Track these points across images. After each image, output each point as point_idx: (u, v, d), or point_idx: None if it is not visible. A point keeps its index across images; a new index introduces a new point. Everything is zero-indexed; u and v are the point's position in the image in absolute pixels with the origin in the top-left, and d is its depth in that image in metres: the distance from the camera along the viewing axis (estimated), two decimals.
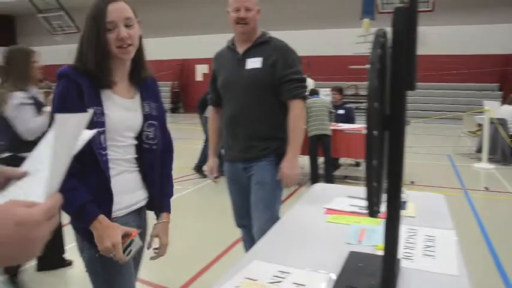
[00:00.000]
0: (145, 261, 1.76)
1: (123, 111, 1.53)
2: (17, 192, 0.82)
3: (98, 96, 1.46)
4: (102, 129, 1.43)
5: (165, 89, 17.51)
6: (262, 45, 2.41)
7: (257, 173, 2.43)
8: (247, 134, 2.42)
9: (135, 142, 1.59)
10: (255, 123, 2.40)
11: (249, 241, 2.58)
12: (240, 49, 2.45)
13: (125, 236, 1.43)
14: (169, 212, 1.74)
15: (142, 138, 1.60)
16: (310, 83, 9.84)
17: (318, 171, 5.90)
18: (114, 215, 1.50)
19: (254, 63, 2.38)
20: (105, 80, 1.48)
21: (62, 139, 0.76)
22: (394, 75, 0.90)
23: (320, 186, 2.41)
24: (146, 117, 1.60)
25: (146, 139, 1.61)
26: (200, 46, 16.87)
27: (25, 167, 0.87)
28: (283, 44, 2.43)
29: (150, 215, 1.72)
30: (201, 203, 5.34)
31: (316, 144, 5.74)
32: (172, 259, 1.78)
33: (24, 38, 22.18)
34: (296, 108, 2.38)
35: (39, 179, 0.76)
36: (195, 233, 4.22)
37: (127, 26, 1.47)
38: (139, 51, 1.57)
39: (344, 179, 6.34)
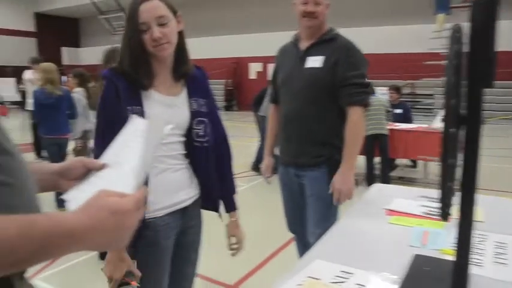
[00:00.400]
0: (201, 257, 1.78)
1: (165, 109, 1.51)
2: (100, 182, 0.87)
3: (137, 96, 1.47)
4: None
5: (219, 87, 17.75)
6: (326, 42, 2.23)
7: (310, 184, 2.29)
8: (299, 137, 2.28)
9: (182, 139, 1.57)
10: (308, 126, 2.25)
11: (302, 248, 2.52)
12: (303, 45, 2.29)
13: (129, 274, 1.43)
14: (235, 210, 1.77)
15: (192, 136, 1.58)
16: None
17: (373, 171, 5.77)
18: (151, 215, 1.50)
19: (314, 62, 2.21)
20: (141, 81, 1.48)
21: (151, 136, 0.81)
22: (470, 72, 0.86)
23: (378, 186, 2.34)
24: (194, 114, 1.57)
25: (196, 137, 1.58)
26: (254, 44, 17.00)
27: (104, 159, 0.93)
28: (348, 42, 2.22)
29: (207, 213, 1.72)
30: (255, 201, 5.36)
31: (372, 144, 5.62)
32: (228, 255, 1.81)
33: (87, 38, 23.30)
34: (355, 115, 2.16)
35: (125, 172, 0.82)
36: (249, 229, 4.23)
37: (161, 24, 1.45)
38: (180, 46, 1.55)
39: (400, 180, 6.17)
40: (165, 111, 1.50)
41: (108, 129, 1.44)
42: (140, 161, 0.80)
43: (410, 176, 6.44)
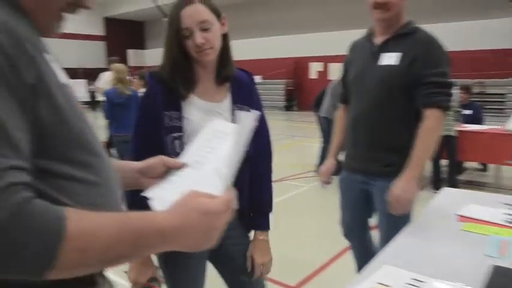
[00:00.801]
0: None
1: (205, 115, 1.46)
2: (182, 182, 0.90)
3: (177, 101, 1.44)
4: (178, 134, 1.42)
5: (279, 87, 17.82)
6: (403, 37, 2.00)
7: (379, 195, 2.04)
8: (369, 142, 2.08)
9: None
10: (380, 129, 2.03)
11: (359, 255, 2.41)
12: (377, 40, 2.08)
13: (153, 280, 1.43)
14: (266, 230, 1.60)
15: None
16: None
17: (440, 174, 5.53)
18: None
19: (390, 58, 1.99)
20: (178, 90, 1.44)
21: (240, 136, 0.82)
22: None
23: (448, 191, 2.24)
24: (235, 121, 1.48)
25: None
26: (314, 44, 16.88)
27: (184, 159, 0.96)
28: (428, 37, 1.98)
29: None
30: (316, 202, 5.31)
31: (440, 146, 5.27)
32: (289, 256, 1.78)
33: (151, 40, 24.19)
34: (430, 118, 1.90)
35: (210, 172, 0.84)
36: (310, 231, 4.23)
37: (203, 29, 1.39)
38: (224, 50, 1.49)
39: (468, 184, 5.87)
40: (206, 118, 1.43)
41: (142, 132, 1.48)
42: (227, 163, 0.81)
43: (480, 180, 6.11)
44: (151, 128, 1.45)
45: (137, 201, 0.96)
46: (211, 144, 0.94)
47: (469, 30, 13.88)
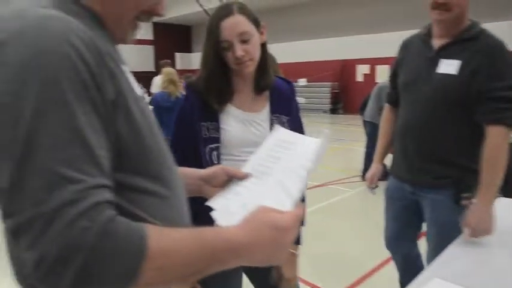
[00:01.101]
0: (304, 261, 1.74)
1: (242, 125, 1.44)
2: (247, 193, 0.89)
3: (213, 111, 1.42)
4: (215, 145, 1.41)
5: (324, 90, 17.69)
6: (466, 42, 1.80)
7: (430, 208, 1.94)
8: (420, 152, 1.92)
9: None
10: (431, 141, 1.88)
11: (403, 270, 2.30)
12: (436, 43, 1.89)
13: None
14: (296, 245, 1.55)
15: None
16: None
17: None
18: None
19: (449, 66, 1.81)
20: (212, 104, 1.42)
21: (319, 154, 0.82)
22: None
23: (507, 201, 2.11)
24: None
25: None
26: (361, 46, 16.61)
27: (247, 168, 0.96)
28: (494, 43, 1.77)
29: None
30: (360, 208, 5.20)
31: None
32: (331, 262, 1.74)
33: (198, 44, 24.65)
34: (496, 137, 1.74)
35: (276, 185, 0.83)
36: (353, 238, 4.14)
37: (243, 41, 1.36)
38: (263, 59, 1.45)
39: None
40: (244, 128, 1.44)
41: (179, 143, 1.46)
42: (295, 176, 0.81)
43: None
44: (188, 139, 1.45)
45: (201, 209, 0.95)
46: (276, 155, 0.93)
47: None
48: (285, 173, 0.84)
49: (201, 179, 1.02)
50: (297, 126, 1.53)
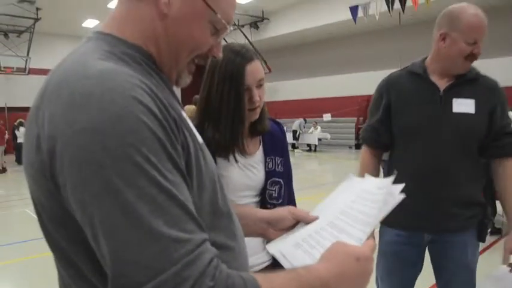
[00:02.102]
0: None
1: (240, 170, 1.43)
2: (316, 241, 0.91)
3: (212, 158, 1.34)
4: None
5: (349, 125, 17.89)
6: (470, 82, 1.83)
7: (458, 250, 1.89)
8: (450, 198, 1.83)
9: (256, 199, 1.48)
10: (460, 183, 1.82)
11: None
12: (438, 82, 1.84)
13: None
14: None
15: (266, 197, 1.47)
16: None
17: None
18: None
19: (465, 106, 1.80)
20: (229, 149, 1.41)
21: (389, 205, 0.90)
22: None
23: None
24: (269, 174, 1.48)
25: (269, 198, 1.46)
26: None
27: (316, 212, 0.99)
28: (495, 82, 1.88)
29: None
30: None
31: None
32: None
33: None
34: None
35: (346, 236, 0.86)
36: None
37: (259, 86, 1.38)
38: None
39: None
40: (241, 173, 1.43)
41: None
42: (366, 224, 0.86)
43: None
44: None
45: None
46: (350, 205, 0.95)
47: None
48: (356, 223, 0.88)
49: (265, 221, 1.02)
50: (288, 168, 1.56)
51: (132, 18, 0.72)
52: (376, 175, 1.99)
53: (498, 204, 3.37)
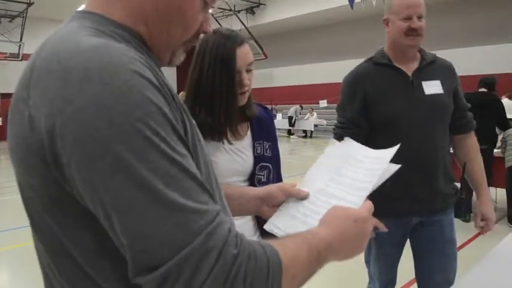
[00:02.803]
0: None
1: (228, 155, 1.43)
2: (309, 209, 0.93)
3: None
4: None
5: None
6: (430, 65, 1.94)
7: (445, 228, 1.98)
8: (436, 178, 1.91)
9: (245, 185, 1.48)
10: (438, 163, 1.90)
11: None
12: (404, 68, 1.90)
13: None
14: None
15: (255, 182, 1.47)
16: (509, 104, 8.63)
17: None
18: None
19: (433, 87, 1.88)
20: (224, 131, 1.42)
21: (381, 177, 0.92)
22: None
23: None
24: (258, 159, 1.48)
25: (258, 183, 1.47)
26: None
27: (304, 186, 1.00)
28: (451, 64, 2.00)
29: None
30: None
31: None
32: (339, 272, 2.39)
33: None
34: (474, 139, 2.04)
35: (342, 202, 0.89)
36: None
37: (248, 71, 1.39)
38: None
39: None
40: (229, 158, 1.44)
41: None
42: (364, 190, 0.89)
43: None
44: None
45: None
46: (339, 171, 0.96)
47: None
48: (351, 189, 0.90)
49: (259, 198, 1.04)
50: (277, 153, 1.56)
51: None
52: None
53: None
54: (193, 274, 0.53)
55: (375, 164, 0.94)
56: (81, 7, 0.71)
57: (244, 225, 1.42)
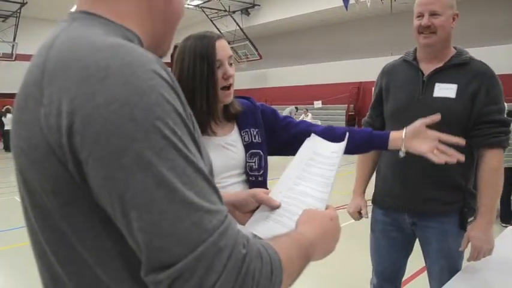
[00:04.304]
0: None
1: (220, 152, 1.44)
2: (285, 212, 0.95)
3: None
4: None
5: (340, 112, 17.79)
6: (457, 67, 1.83)
7: (439, 238, 1.90)
8: (426, 180, 1.86)
9: (243, 178, 1.49)
10: (438, 168, 1.66)
11: None
12: (425, 68, 1.88)
13: None
14: None
15: (246, 170, 1.48)
16: None
17: (511, 208, 5.04)
18: None
19: (446, 90, 1.81)
20: (207, 124, 1.43)
21: (339, 163, 0.98)
22: None
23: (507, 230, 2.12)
24: (247, 147, 1.49)
25: (250, 170, 1.48)
26: (377, 68, 16.45)
27: (278, 186, 1.02)
28: (488, 69, 1.83)
29: None
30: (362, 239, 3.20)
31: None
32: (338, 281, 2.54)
33: None
34: (494, 160, 1.79)
35: (309, 197, 0.94)
36: (360, 256, 2.72)
37: (229, 64, 1.43)
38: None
39: None
40: (221, 154, 1.44)
41: None
42: (331, 185, 0.93)
43: None
44: None
45: None
46: (308, 168, 1.01)
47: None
48: (315, 185, 0.95)
49: (232, 205, 1.04)
50: (265, 138, 1.54)
51: None
52: (374, 160, 2.15)
53: None
54: (206, 272, 0.54)
55: (335, 159, 1.00)
56: (74, 7, 0.71)
57: None
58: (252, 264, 0.57)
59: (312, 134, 1.13)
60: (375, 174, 2.20)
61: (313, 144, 1.09)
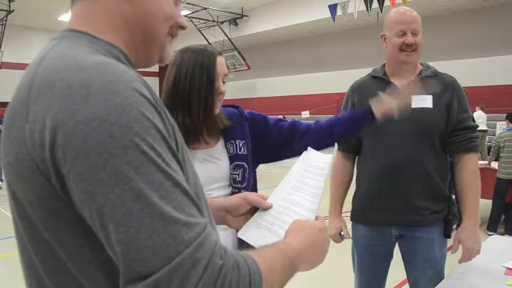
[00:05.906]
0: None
1: (203, 165, 1.45)
2: (276, 218, 0.98)
3: None
4: None
5: None
6: (428, 80, 1.92)
7: (425, 248, 1.93)
8: (414, 192, 1.89)
9: (229, 190, 1.49)
10: (425, 178, 1.87)
11: None
12: (399, 82, 1.92)
13: None
14: None
15: (230, 182, 1.49)
16: (482, 116, 9.40)
17: (499, 218, 5.14)
18: None
19: (423, 101, 1.87)
20: (201, 133, 1.46)
21: (327, 174, 0.99)
22: None
23: (497, 239, 2.19)
24: (231, 159, 1.49)
25: (234, 182, 1.48)
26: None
27: (274, 196, 1.04)
28: (453, 79, 1.97)
29: None
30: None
31: (506, 188, 4.90)
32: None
33: None
34: (472, 164, 1.91)
35: (299, 206, 0.96)
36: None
37: (223, 82, 1.45)
38: None
39: None
40: (205, 168, 1.44)
41: None
42: (320, 196, 0.95)
43: None
44: None
45: None
46: (304, 180, 1.04)
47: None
48: (307, 195, 0.97)
49: (224, 209, 1.05)
50: (250, 150, 1.53)
51: (98, 11, 0.71)
52: (349, 180, 2.17)
53: None
54: (182, 283, 0.55)
55: (325, 169, 1.02)
56: (62, 16, 0.73)
57: (227, 238, 1.43)
58: (229, 275, 0.58)
59: (309, 148, 1.14)
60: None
61: (309, 156, 1.11)
